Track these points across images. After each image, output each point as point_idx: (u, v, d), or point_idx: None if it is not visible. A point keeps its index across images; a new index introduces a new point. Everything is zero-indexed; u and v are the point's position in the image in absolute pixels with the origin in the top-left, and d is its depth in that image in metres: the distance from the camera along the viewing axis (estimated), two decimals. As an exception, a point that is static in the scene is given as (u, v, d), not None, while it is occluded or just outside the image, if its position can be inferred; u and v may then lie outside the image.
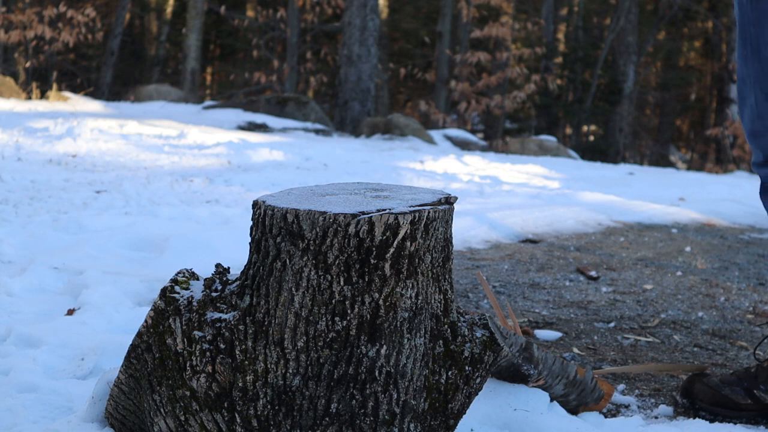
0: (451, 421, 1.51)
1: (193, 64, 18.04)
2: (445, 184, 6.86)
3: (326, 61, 20.18)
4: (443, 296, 1.49)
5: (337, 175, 6.75)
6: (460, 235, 4.11)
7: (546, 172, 8.84)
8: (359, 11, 14.33)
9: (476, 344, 1.51)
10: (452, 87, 17.77)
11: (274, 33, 19.04)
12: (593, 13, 22.87)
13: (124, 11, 18.21)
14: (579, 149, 16.43)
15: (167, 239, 3.30)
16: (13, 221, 3.82)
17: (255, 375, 1.41)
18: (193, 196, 5.06)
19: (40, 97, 13.42)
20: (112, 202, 4.58)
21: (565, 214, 5.13)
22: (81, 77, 18.91)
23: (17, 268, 2.88)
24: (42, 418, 1.67)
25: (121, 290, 2.59)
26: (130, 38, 21.60)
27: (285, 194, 1.52)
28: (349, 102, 14.29)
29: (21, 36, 15.83)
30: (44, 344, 2.07)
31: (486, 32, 17.51)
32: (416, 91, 22.73)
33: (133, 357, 1.49)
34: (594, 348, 2.56)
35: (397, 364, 1.43)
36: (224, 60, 23.21)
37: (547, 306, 3.06)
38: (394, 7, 21.95)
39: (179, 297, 1.45)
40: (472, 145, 13.27)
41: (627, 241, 4.66)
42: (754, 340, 2.78)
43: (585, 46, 19.72)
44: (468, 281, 3.29)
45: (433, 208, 1.43)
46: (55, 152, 6.64)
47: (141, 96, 15.27)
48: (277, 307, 1.40)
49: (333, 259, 1.38)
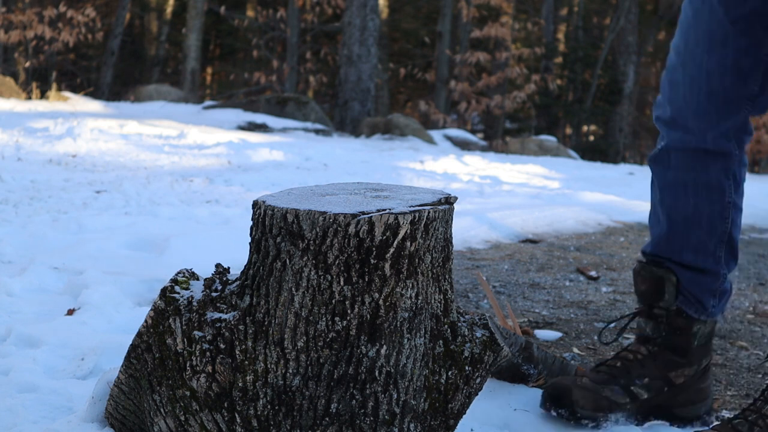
0: (451, 421, 1.51)
1: (193, 64, 18.04)
2: (445, 184, 6.86)
3: (326, 61, 20.18)
4: (443, 296, 1.49)
5: (337, 175, 6.75)
6: (460, 235, 4.11)
7: (546, 172, 8.84)
8: (359, 11, 14.33)
9: (476, 344, 1.51)
10: (452, 87, 17.78)
11: (274, 33, 19.04)
12: (593, 13, 22.87)
13: (124, 11, 18.21)
14: (579, 149, 16.43)
15: (167, 239, 3.30)
16: (13, 221, 3.82)
17: (255, 375, 1.41)
18: (193, 196, 5.06)
19: (40, 97, 13.42)
20: (112, 202, 4.58)
21: (565, 214, 5.14)
22: (81, 77, 18.91)
23: (17, 268, 2.88)
24: (42, 418, 1.67)
25: (121, 290, 2.59)
26: (130, 38, 21.59)
27: (285, 194, 1.52)
28: (349, 102, 14.29)
29: (21, 36, 15.83)
30: (44, 344, 2.07)
31: (486, 32, 17.52)
32: (416, 91, 22.73)
33: (133, 357, 1.48)
34: (594, 348, 2.56)
35: (397, 364, 1.43)
36: (224, 60, 23.21)
37: (547, 306, 3.06)
38: (394, 7, 21.95)
39: (179, 297, 1.45)
40: (472, 145, 13.27)
41: (627, 241, 4.67)
42: (754, 340, 2.78)
43: (585, 46, 19.72)
44: (468, 281, 3.29)
45: (433, 208, 1.43)
46: (55, 152, 6.64)
47: (141, 96, 15.27)
48: (277, 307, 1.40)
49: (333, 259, 1.38)
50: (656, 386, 1.92)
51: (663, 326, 1.94)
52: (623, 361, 1.95)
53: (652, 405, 1.92)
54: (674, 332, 1.93)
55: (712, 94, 1.85)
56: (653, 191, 2.00)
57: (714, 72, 1.84)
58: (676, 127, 1.90)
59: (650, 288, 1.94)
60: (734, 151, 1.90)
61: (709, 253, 1.92)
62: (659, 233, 1.96)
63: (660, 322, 1.94)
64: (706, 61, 1.84)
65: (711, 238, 1.92)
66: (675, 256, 1.94)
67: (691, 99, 1.86)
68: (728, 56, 1.83)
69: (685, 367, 1.94)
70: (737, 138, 1.90)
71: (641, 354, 1.95)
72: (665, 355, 1.94)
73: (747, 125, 1.91)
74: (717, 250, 1.93)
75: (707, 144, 1.88)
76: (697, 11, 1.86)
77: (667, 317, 1.93)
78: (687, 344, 1.94)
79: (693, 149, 1.89)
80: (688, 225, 1.92)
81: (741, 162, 1.93)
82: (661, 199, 1.96)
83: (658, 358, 1.94)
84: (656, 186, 1.98)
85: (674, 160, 1.92)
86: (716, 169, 1.90)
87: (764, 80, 1.87)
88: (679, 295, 1.93)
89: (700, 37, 1.85)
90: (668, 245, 1.95)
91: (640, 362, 1.94)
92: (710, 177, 1.90)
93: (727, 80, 1.84)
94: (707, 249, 1.92)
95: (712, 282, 1.94)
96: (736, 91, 1.85)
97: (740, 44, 1.83)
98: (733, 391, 2.25)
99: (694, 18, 1.87)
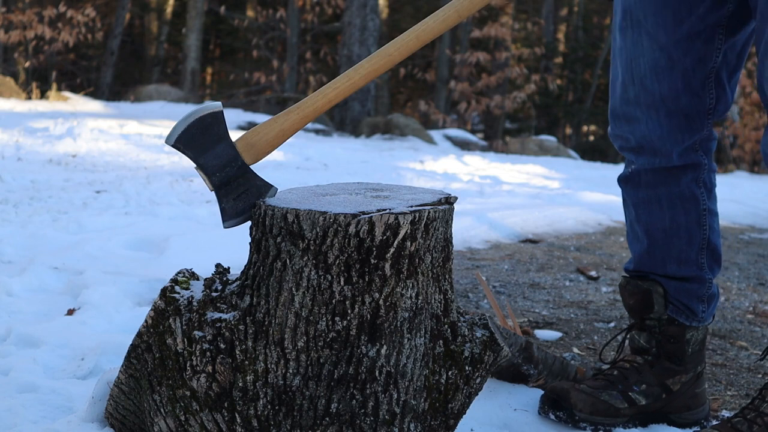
0: (451, 421, 1.51)
1: (193, 64, 18.04)
2: (445, 184, 6.86)
3: (326, 61, 20.17)
4: (443, 296, 1.49)
5: (337, 175, 6.75)
6: (460, 235, 4.11)
7: (546, 172, 8.84)
8: (359, 11, 14.33)
9: (476, 344, 1.51)
10: (452, 87, 17.78)
11: (274, 33, 19.04)
12: (593, 13, 22.86)
13: (124, 11, 18.21)
14: (579, 149, 16.44)
15: (167, 239, 3.30)
16: (13, 221, 3.81)
17: (255, 375, 1.41)
18: (193, 196, 5.06)
19: (40, 97, 13.43)
20: (112, 202, 4.58)
21: (565, 214, 5.14)
22: (81, 77, 18.91)
23: (17, 268, 2.88)
24: (42, 418, 1.67)
25: (121, 290, 2.59)
26: (130, 38, 21.59)
27: (285, 194, 1.52)
28: (349, 102, 14.29)
29: (21, 36, 15.83)
30: (44, 344, 2.07)
31: (486, 32, 17.51)
32: (416, 91, 22.72)
33: (133, 357, 1.48)
34: (594, 348, 2.56)
35: (397, 364, 1.43)
36: (224, 60, 23.20)
37: (547, 306, 3.06)
38: (394, 7, 21.95)
39: (179, 297, 1.45)
40: (472, 145, 13.27)
41: (627, 241, 4.66)
42: (753, 340, 2.78)
43: (585, 46, 19.73)
44: (468, 281, 3.29)
45: (433, 208, 1.43)
46: (55, 152, 6.65)
47: (141, 96, 15.27)
48: (278, 307, 1.40)
49: (333, 259, 1.38)
50: (654, 393, 1.94)
51: (656, 335, 1.96)
52: (620, 369, 1.97)
53: (649, 411, 1.94)
54: (668, 341, 1.96)
55: (671, 117, 1.88)
56: (627, 210, 2.02)
57: (668, 97, 1.86)
58: (643, 153, 1.92)
59: (639, 301, 1.97)
60: (702, 160, 1.93)
61: (692, 262, 1.95)
62: (640, 250, 1.99)
63: (653, 333, 1.97)
64: (659, 89, 1.86)
65: (692, 247, 1.94)
66: (659, 269, 1.96)
67: (653, 126, 1.89)
68: (678, 79, 1.85)
69: (681, 374, 1.96)
70: (703, 148, 1.94)
71: (637, 363, 1.97)
72: (662, 364, 1.96)
73: (710, 133, 1.94)
74: (699, 257, 1.95)
75: (675, 161, 1.91)
76: (635, 41, 1.87)
77: (659, 327, 1.96)
78: (681, 352, 1.96)
79: (663, 168, 1.92)
80: (667, 237, 1.94)
81: (710, 169, 1.96)
82: (637, 217, 1.98)
83: (655, 366, 1.96)
84: (630, 205, 2.00)
85: (645, 179, 1.94)
86: (687, 180, 1.92)
87: (717, 90, 1.89)
88: (669, 304, 1.95)
89: (646, 68, 1.86)
90: (651, 260, 1.97)
91: (637, 370, 1.96)
92: (682, 188, 1.92)
93: (683, 101, 1.87)
94: (689, 258, 1.95)
95: (698, 289, 1.96)
96: (694, 109, 1.88)
97: (686, 65, 1.85)
98: (733, 391, 2.25)
99: (634, 48, 1.88)
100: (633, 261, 2.02)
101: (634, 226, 2.00)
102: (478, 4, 1.56)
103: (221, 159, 1.46)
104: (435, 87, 19.64)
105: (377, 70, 1.50)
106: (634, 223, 2.00)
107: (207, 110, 1.45)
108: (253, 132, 1.49)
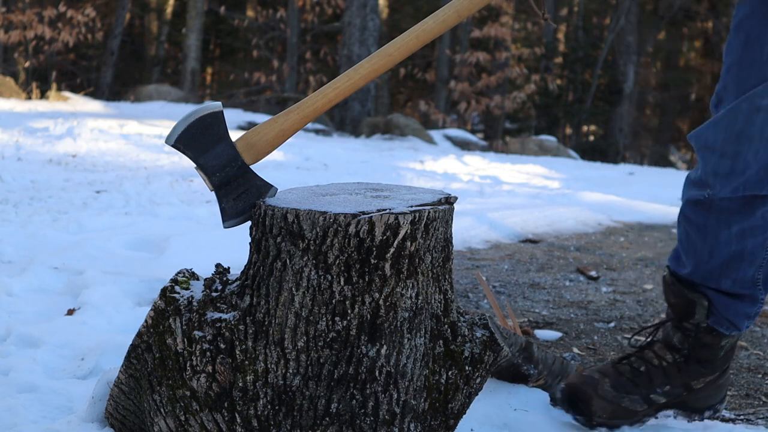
0: (451, 421, 1.51)
1: (193, 64, 18.04)
2: (445, 184, 6.86)
3: (326, 61, 20.16)
4: (443, 296, 1.49)
5: (337, 175, 6.75)
6: (460, 235, 4.11)
7: (546, 172, 8.84)
8: (359, 11, 14.34)
9: (476, 344, 1.51)
10: (452, 87, 17.78)
11: (274, 33, 19.03)
12: (593, 13, 22.86)
13: (124, 11, 18.21)
14: (579, 149, 16.43)
15: (167, 239, 3.30)
16: (13, 221, 3.82)
17: (255, 375, 1.41)
18: (193, 196, 5.06)
19: (40, 97, 13.43)
20: (112, 202, 4.58)
21: (565, 214, 5.14)
22: (81, 77, 18.91)
23: (17, 268, 2.88)
24: (42, 418, 1.67)
25: (121, 290, 2.59)
26: (130, 38, 21.59)
27: (285, 194, 1.52)
28: (349, 102, 14.29)
29: (21, 36, 15.83)
30: (44, 344, 2.07)
31: (486, 32, 17.51)
32: (416, 91, 22.72)
33: (133, 357, 1.48)
34: (594, 348, 2.56)
35: (397, 364, 1.43)
36: (224, 60, 23.20)
37: (547, 306, 3.06)
38: (394, 7, 21.95)
39: (179, 297, 1.45)
40: (472, 145, 13.28)
41: (627, 241, 4.67)
42: (753, 340, 2.78)
43: (585, 46, 19.72)
44: (468, 281, 3.29)
45: (433, 208, 1.43)
46: (55, 152, 6.65)
47: (141, 96, 15.27)
48: (278, 307, 1.40)
49: (333, 259, 1.38)
50: (675, 393, 1.92)
51: (691, 339, 1.92)
52: (647, 365, 1.93)
53: (666, 407, 1.94)
54: (702, 347, 1.92)
55: None
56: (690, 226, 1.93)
57: None
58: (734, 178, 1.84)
59: (680, 306, 1.92)
60: None
61: (748, 280, 1.89)
62: (698, 262, 1.91)
63: (688, 336, 1.92)
64: None
65: (752, 267, 1.88)
66: (712, 282, 1.90)
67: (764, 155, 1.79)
68: None
69: (707, 376, 1.94)
70: None
71: (666, 361, 1.93)
72: (691, 367, 1.93)
73: None
74: (756, 275, 1.89)
75: (764, 191, 1.83)
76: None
77: (696, 333, 1.91)
78: (713, 356, 1.93)
79: (747, 196, 1.85)
80: (731, 260, 1.88)
81: None
82: (703, 238, 1.90)
83: (683, 369, 1.93)
84: (693, 224, 1.92)
85: (719, 205, 1.87)
86: (763, 210, 1.86)
87: None
88: (711, 315, 1.90)
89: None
90: (705, 273, 1.90)
91: (664, 370, 1.93)
92: (757, 219, 1.86)
93: None
94: (747, 276, 1.89)
95: (748, 307, 1.91)
96: None
97: None
98: (733, 391, 2.25)
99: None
100: (685, 265, 1.94)
101: (695, 243, 1.92)
102: (478, 4, 1.56)
103: (221, 159, 1.46)
104: (435, 87, 19.64)
105: (377, 70, 1.50)
106: (696, 241, 1.92)
107: (207, 110, 1.45)
108: (253, 132, 1.49)
